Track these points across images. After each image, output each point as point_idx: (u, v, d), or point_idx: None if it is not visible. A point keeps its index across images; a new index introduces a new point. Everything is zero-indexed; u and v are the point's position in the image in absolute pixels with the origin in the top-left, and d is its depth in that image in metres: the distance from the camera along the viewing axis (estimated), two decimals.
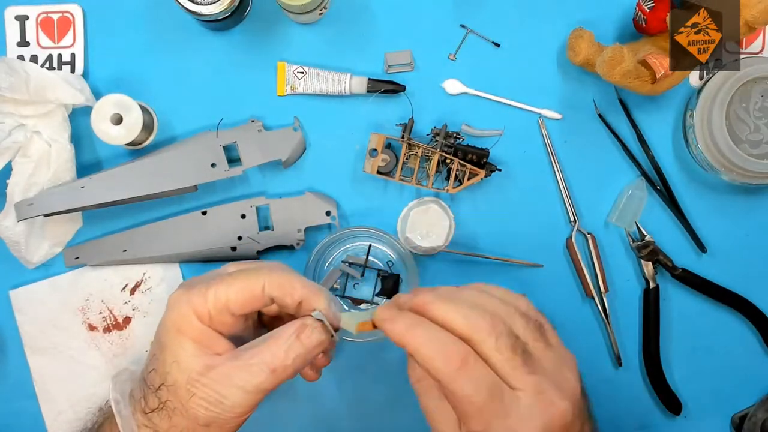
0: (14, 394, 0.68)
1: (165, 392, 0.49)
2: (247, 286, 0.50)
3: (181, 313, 0.50)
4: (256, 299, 0.50)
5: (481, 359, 0.42)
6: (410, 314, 0.45)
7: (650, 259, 0.68)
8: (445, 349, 0.42)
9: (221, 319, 0.50)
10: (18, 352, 0.68)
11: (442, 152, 0.65)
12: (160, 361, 0.50)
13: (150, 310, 0.68)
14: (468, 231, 0.69)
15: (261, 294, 0.50)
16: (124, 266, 0.68)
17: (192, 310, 0.50)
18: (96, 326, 0.68)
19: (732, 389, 0.70)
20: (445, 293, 0.46)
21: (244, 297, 0.50)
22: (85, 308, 0.68)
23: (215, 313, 0.50)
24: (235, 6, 0.62)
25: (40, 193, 0.64)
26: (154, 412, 0.49)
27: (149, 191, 0.65)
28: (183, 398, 0.49)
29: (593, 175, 0.69)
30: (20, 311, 0.67)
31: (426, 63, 0.68)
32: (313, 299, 0.51)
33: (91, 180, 0.64)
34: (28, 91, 0.62)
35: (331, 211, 0.67)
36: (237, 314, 0.51)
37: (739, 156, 0.64)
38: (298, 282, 0.51)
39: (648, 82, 0.62)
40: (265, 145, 0.66)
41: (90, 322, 0.68)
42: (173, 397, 0.49)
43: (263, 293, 0.50)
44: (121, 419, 0.50)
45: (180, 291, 0.51)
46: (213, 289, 0.50)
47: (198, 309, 0.50)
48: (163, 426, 0.49)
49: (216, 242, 0.66)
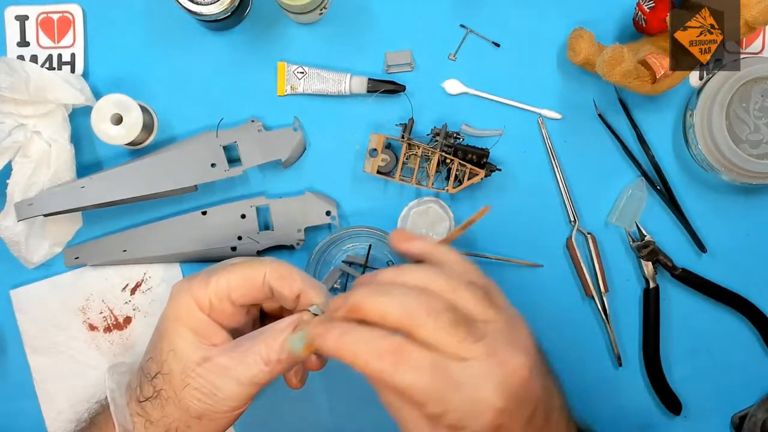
0: (14, 394, 0.68)
1: (160, 380, 0.50)
2: (249, 273, 0.50)
3: (181, 302, 0.50)
4: (256, 288, 0.50)
5: (418, 343, 0.41)
6: (339, 324, 0.43)
7: (650, 259, 0.68)
8: (377, 348, 0.40)
9: (221, 308, 0.50)
10: (18, 351, 0.68)
11: (442, 152, 0.65)
12: (157, 350, 0.51)
13: (150, 310, 0.68)
14: (468, 231, 0.68)
15: (262, 283, 0.50)
16: (124, 266, 0.68)
17: (193, 298, 0.50)
18: (96, 326, 0.68)
19: (732, 389, 0.70)
20: (385, 278, 0.44)
21: (245, 285, 0.50)
22: (85, 308, 0.68)
23: (216, 302, 0.50)
24: (235, 6, 0.62)
25: (40, 193, 0.64)
26: (147, 401, 0.50)
27: (149, 191, 0.65)
28: (177, 388, 0.49)
29: (593, 175, 0.69)
30: (20, 311, 0.67)
31: (426, 63, 0.68)
32: (312, 293, 0.50)
33: (91, 180, 0.64)
34: (28, 91, 0.62)
35: (331, 211, 0.67)
36: (237, 303, 0.51)
37: (739, 156, 0.64)
38: (298, 275, 0.51)
39: (648, 82, 0.62)
40: (265, 145, 0.66)
41: (90, 322, 0.68)
42: (167, 386, 0.49)
43: (264, 283, 0.50)
44: (115, 407, 0.50)
45: (182, 281, 0.52)
46: (215, 277, 0.50)
47: (199, 297, 0.50)
48: (155, 415, 0.49)
49: (216, 242, 0.66)
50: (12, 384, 0.68)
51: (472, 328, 0.41)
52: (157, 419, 0.49)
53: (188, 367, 0.49)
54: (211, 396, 0.48)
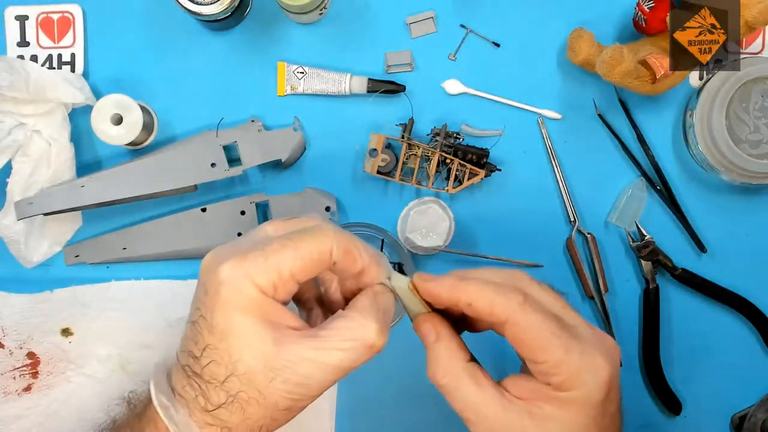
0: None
1: (236, 383, 0.43)
2: (316, 249, 0.43)
3: (241, 290, 0.42)
4: (323, 264, 0.44)
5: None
6: (452, 274, 0.44)
7: (650, 259, 0.68)
8: (502, 290, 0.42)
9: (287, 289, 0.43)
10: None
11: (442, 152, 0.65)
12: (222, 351, 0.43)
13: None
14: (468, 231, 0.69)
15: (329, 258, 0.44)
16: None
17: (252, 283, 0.42)
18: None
19: (732, 389, 0.70)
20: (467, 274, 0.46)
21: (312, 263, 0.43)
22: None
23: (281, 284, 0.43)
24: (235, 6, 0.62)
25: (40, 192, 0.64)
26: (221, 408, 0.43)
27: (149, 191, 0.65)
28: (261, 386, 0.43)
29: (593, 175, 0.69)
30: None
31: (426, 63, 0.68)
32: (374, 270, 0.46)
33: (91, 179, 0.64)
34: (27, 90, 0.62)
35: (330, 207, 0.67)
36: (302, 281, 0.44)
37: (739, 156, 0.64)
38: (364, 249, 0.45)
39: (648, 82, 0.62)
40: (265, 145, 0.66)
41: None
42: (248, 387, 0.43)
43: (331, 258, 0.44)
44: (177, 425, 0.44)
45: (231, 263, 0.42)
46: (275, 255, 0.42)
47: (260, 281, 0.42)
48: (235, 420, 0.43)
49: (216, 239, 0.66)
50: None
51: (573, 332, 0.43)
52: (238, 423, 0.43)
53: (271, 361, 0.42)
54: (302, 386, 0.43)
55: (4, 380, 0.66)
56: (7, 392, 0.66)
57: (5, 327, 0.66)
